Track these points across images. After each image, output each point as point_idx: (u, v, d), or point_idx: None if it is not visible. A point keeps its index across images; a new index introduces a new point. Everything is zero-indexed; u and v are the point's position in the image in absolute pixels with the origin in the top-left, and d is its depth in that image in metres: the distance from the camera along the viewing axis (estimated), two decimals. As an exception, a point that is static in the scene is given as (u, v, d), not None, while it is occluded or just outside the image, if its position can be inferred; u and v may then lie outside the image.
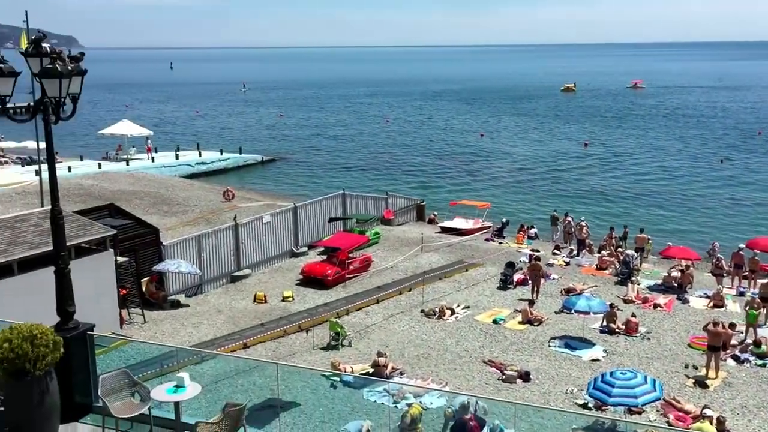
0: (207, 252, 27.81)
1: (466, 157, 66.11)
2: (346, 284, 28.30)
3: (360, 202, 37.75)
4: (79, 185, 42.61)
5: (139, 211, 33.43)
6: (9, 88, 9.22)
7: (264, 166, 61.14)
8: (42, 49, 9.13)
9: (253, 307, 25.76)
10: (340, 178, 55.60)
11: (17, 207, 34.92)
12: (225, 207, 40.49)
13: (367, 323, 24.14)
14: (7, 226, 19.56)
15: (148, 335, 22.65)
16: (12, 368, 8.82)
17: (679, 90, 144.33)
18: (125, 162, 53.29)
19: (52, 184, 9.77)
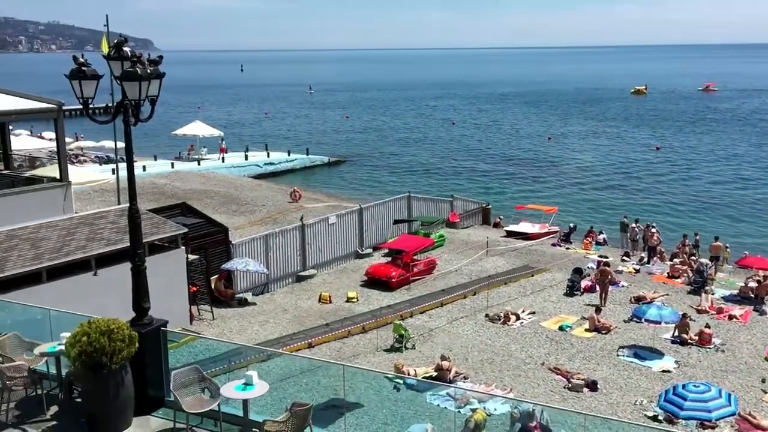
0: (274, 251, 28.26)
1: (532, 161, 65.23)
2: (410, 286, 28.29)
3: (425, 204, 37.70)
4: (152, 184, 43.92)
5: (208, 210, 34.20)
6: (92, 91, 9.56)
7: (330, 168, 61.72)
8: (123, 52, 9.41)
9: (318, 307, 26.02)
10: (406, 181, 55.63)
11: (95, 204, 36.25)
12: (292, 207, 41.05)
13: (431, 326, 24.06)
14: (86, 223, 20.31)
15: (217, 332, 23.14)
16: (90, 361, 9.15)
17: (754, 93, 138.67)
18: (197, 162, 54.68)
19: (131, 184, 10.08)
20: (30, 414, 10.02)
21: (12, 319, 12.68)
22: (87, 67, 9.51)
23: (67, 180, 20.68)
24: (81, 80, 9.43)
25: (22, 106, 20.73)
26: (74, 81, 9.47)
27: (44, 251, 18.10)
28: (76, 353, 9.15)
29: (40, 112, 21.32)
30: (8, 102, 20.88)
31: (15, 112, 21.08)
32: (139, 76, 9.19)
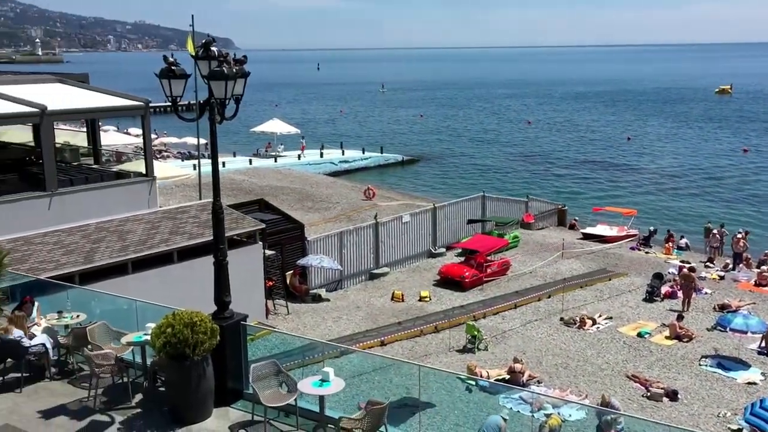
0: (348, 249, 28.51)
1: (610, 162, 63.58)
2: (483, 287, 28.05)
3: (500, 204, 37.29)
4: (231, 180, 44.98)
5: (284, 206, 34.76)
6: (181, 89, 9.84)
7: (404, 166, 61.80)
8: (211, 52, 9.65)
9: (390, 305, 26.10)
10: (480, 180, 55.16)
11: (177, 199, 37.40)
12: (365, 205, 41.31)
13: (504, 328, 23.78)
14: (169, 217, 20.98)
15: (291, 326, 23.52)
16: (174, 352, 9.44)
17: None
18: (273, 159, 55.71)
19: (215, 181, 10.32)
20: (116, 401, 10.41)
21: (101, 308, 13.22)
22: (176, 67, 9.79)
23: (153, 175, 21.39)
24: (170, 79, 9.72)
25: (111, 103, 21.58)
26: (164, 80, 9.76)
27: (130, 243, 18.80)
28: (161, 344, 9.46)
29: (128, 109, 22.15)
30: (99, 99, 21.77)
31: (105, 110, 21.95)
32: (226, 75, 9.39)
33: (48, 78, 23.76)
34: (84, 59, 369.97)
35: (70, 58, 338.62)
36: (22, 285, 13.85)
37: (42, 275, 15.63)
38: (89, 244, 18.39)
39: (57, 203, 19.12)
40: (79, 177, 20.62)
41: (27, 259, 16.94)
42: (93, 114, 22.71)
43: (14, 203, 18.54)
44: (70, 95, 21.97)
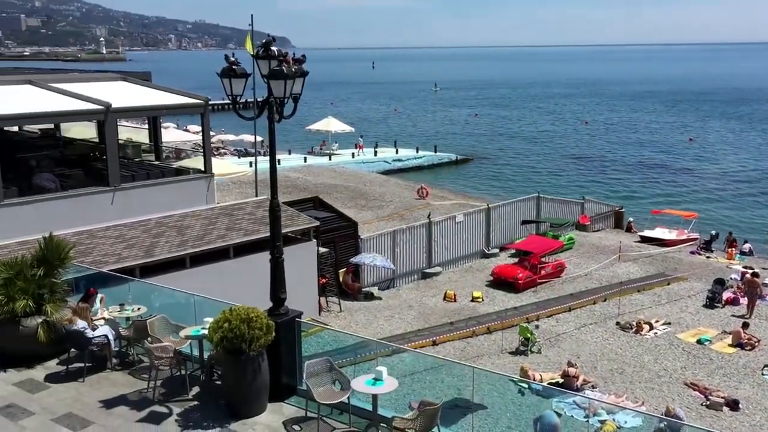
0: (401, 248, 28.54)
1: (670, 163, 62.06)
2: (537, 289, 27.72)
3: (555, 205, 36.79)
4: (286, 177, 45.49)
5: (338, 204, 34.99)
6: (241, 88, 9.98)
7: (458, 166, 61.52)
8: (271, 52, 9.76)
9: (442, 305, 26.02)
10: (534, 181, 54.53)
11: (233, 195, 38.05)
12: (418, 204, 41.27)
13: (558, 331, 23.45)
14: (226, 213, 21.34)
15: (343, 324, 23.67)
16: (230, 347, 9.60)
17: None
18: (328, 157, 56.15)
19: (273, 179, 10.44)
20: (174, 393, 10.64)
21: (161, 302, 13.53)
22: (237, 66, 9.93)
23: (211, 172, 21.80)
24: (231, 78, 9.87)
25: (172, 101, 22.08)
26: (225, 79, 9.92)
27: (188, 239, 19.18)
28: (218, 338, 9.62)
29: (188, 107, 22.62)
30: (160, 97, 22.29)
31: (166, 107, 22.46)
32: (285, 74, 9.49)
33: (112, 76, 24.45)
34: (146, 58, 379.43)
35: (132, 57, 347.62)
36: (85, 277, 14.27)
37: (104, 268, 16.09)
38: (149, 239, 18.84)
39: (119, 198, 19.66)
40: (140, 173, 21.15)
41: (90, 252, 17.46)
42: (155, 111, 23.28)
43: (79, 198, 19.15)
44: (133, 93, 22.56)
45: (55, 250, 12.14)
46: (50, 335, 11.47)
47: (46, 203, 18.46)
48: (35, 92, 20.85)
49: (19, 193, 18.51)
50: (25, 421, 9.95)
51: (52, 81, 21.89)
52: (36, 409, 10.28)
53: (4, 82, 21.82)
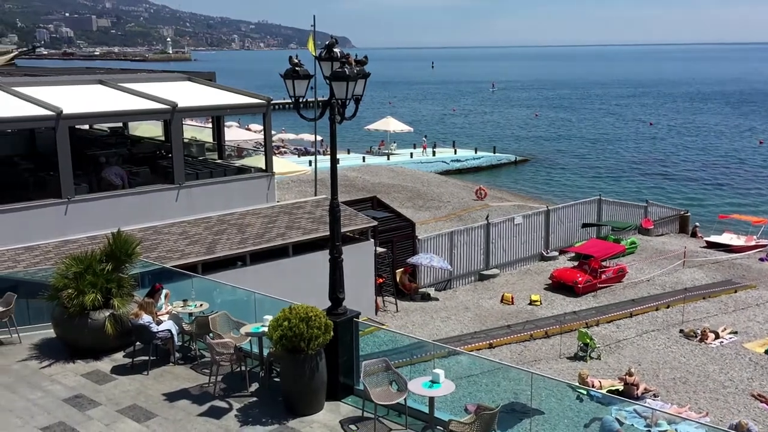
0: (458, 249, 28.41)
1: (739, 167, 60.03)
2: (597, 294, 27.22)
3: (616, 208, 36.03)
4: (344, 176, 45.78)
5: (395, 204, 35.05)
6: (304, 89, 10.10)
7: (517, 167, 60.87)
8: (334, 53, 9.84)
9: (500, 307, 25.80)
10: (595, 183, 53.53)
11: (292, 194, 38.51)
12: (476, 205, 41.00)
13: (618, 337, 22.97)
14: (286, 212, 21.63)
15: (400, 324, 23.70)
16: (289, 345, 9.73)
17: None
18: (386, 156, 56.30)
19: (333, 179, 10.54)
20: (234, 388, 10.85)
21: (222, 298, 13.81)
22: (300, 68, 10.05)
23: (272, 171, 22.11)
24: (294, 80, 9.99)
25: (236, 101, 22.48)
26: (288, 80, 10.05)
27: (249, 236, 19.51)
28: (278, 336, 9.76)
29: (251, 106, 22.99)
30: (224, 97, 22.74)
31: (230, 107, 22.89)
32: (347, 76, 9.55)
33: (178, 76, 25.05)
34: (210, 57, 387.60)
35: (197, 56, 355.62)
36: (150, 272, 14.67)
37: (168, 263, 16.49)
38: (211, 236, 19.24)
39: (184, 196, 20.14)
40: (204, 171, 21.61)
41: (155, 248, 17.94)
42: (218, 111, 23.75)
43: (146, 194, 19.69)
44: (198, 93, 23.07)
45: (123, 245, 12.52)
46: (117, 328, 11.84)
47: (114, 200, 19.04)
48: (105, 92, 21.54)
49: (89, 189, 19.15)
50: (91, 411, 10.29)
51: (121, 81, 22.57)
52: (102, 399, 10.63)
53: (77, 82, 22.60)
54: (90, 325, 11.80)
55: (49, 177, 19.31)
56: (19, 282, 14.58)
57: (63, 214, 17.95)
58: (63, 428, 9.80)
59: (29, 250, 16.90)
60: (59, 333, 12.37)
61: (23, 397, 10.74)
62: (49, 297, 12.13)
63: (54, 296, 12.02)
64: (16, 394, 10.82)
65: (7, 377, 11.43)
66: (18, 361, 12.03)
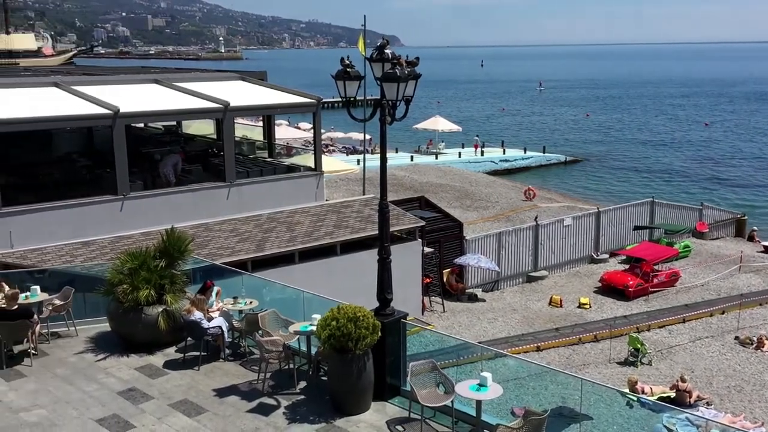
0: (506, 249, 28.18)
1: (800, 169, 58.08)
2: (648, 298, 26.67)
3: (670, 211, 35.23)
4: (392, 176, 45.79)
5: (443, 204, 34.95)
6: (355, 90, 10.15)
7: (567, 167, 60.02)
8: (385, 55, 9.85)
9: (548, 309, 25.50)
10: (648, 184, 52.46)
11: (341, 192, 38.75)
12: (525, 206, 40.59)
13: (671, 343, 22.48)
14: (334, 211, 21.78)
15: (446, 324, 23.63)
16: (337, 344, 9.79)
17: None
18: (434, 156, 56.16)
19: (383, 180, 10.55)
20: (282, 386, 10.97)
21: (271, 296, 13.98)
22: (351, 69, 10.10)
23: (321, 170, 22.29)
24: (345, 81, 10.04)
25: (286, 100, 22.72)
26: (339, 81, 10.11)
27: (298, 234, 19.71)
28: (326, 336, 9.83)
29: (301, 106, 23.20)
30: (275, 96, 23.00)
31: (280, 106, 23.16)
32: (398, 77, 9.56)
33: (231, 76, 25.43)
34: (261, 56, 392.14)
35: (248, 55, 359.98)
36: (201, 269, 14.94)
37: (218, 260, 16.78)
38: (261, 233, 19.50)
39: (234, 193, 20.45)
40: (254, 169, 21.92)
41: (207, 245, 18.26)
42: (270, 110, 24.06)
43: (198, 192, 20.06)
44: (250, 92, 23.39)
45: (176, 242, 12.79)
46: (170, 324, 12.10)
47: (167, 196, 19.45)
48: (161, 91, 22.01)
49: (144, 186, 19.61)
50: (144, 404, 10.53)
51: (176, 80, 23.03)
52: (155, 393, 10.87)
53: (134, 81, 23.16)
54: (144, 320, 12.08)
55: (105, 174, 19.84)
56: (76, 276, 15.02)
57: (118, 211, 18.42)
58: (117, 420, 10.06)
59: (86, 245, 17.38)
60: (114, 327, 12.71)
61: (79, 389, 11.05)
62: (105, 292, 12.47)
63: (110, 291, 12.35)
64: (73, 386, 11.14)
65: (64, 369, 11.79)
66: (75, 354, 12.40)
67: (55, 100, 19.50)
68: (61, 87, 20.56)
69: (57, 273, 15.24)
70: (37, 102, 19.05)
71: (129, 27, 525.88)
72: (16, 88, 20.75)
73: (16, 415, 10.24)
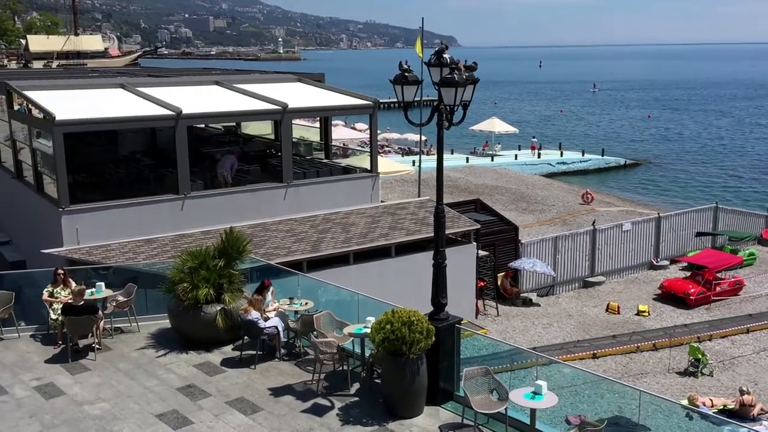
0: (562, 254, 27.78)
1: None
2: (710, 306, 25.92)
3: (734, 217, 34.14)
4: (448, 177, 45.57)
5: (498, 206, 34.68)
6: (412, 95, 10.18)
7: (626, 170, 58.80)
8: (443, 59, 9.85)
9: (605, 316, 25.04)
10: (711, 189, 50.98)
11: (395, 193, 38.86)
12: (582, 210, 39.95)
13: (733, 354, 21.80)
14: (389, 212, 21.84)
15: (500, 328, 23.45)
16: (391, 348, 9.84)
17: None
18: (490, 158, 55.76)
19: (439, 184, 10.56)
20: (336, 387, 11.08)
21: (326, 297, 14.12)
22: (409, 73, 10.13)
23: (377, 171, 22.38)
24: (403, 85, 10.08)
25: (343, 102, 22.90)
26: (397, 86, 10.15)
27: (353, 236, 19.83)
28: (380, 339, 9.89)
29: (359, 107, 23.35)
30: (332, 98, 23.21)
31: (337, 108, 23.36)
32: (456, 82, 9.55)
33: (289, 77, 25.77)
34: (319, 56, 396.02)
35: (306, 56, 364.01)
36: (258, 268, 15.18)
37: (275, 260, 17.01)
38: (317, 234, 19.69)
39: (291, 194, 20.71)
40: (311, 170, 22.15)
41: (263, 244, 18.54)
42: (327, 112, 24.28)
43: (256, 192, 20.40)
44: (307, 94, 23.65)
45: (235, 242, 13.05)
46: (227, 322, 12.36)
47: (226, 196, 19.83)
48: (221, 92, 22.46)
49: (204, 186, 20.04)
50: (202, 401, 10.78)
51: (236, 82, 23.47)
52: (212, 390, 11.11)
53: (196, 83, 23.70)
54: (202, 318, 12.37)
55: (167, 173, 20.35)
56: (139, 273, 15.46)
57: (179, 209, 18.86)
58: (176, 416, 10.32)
59: (148, 242, 17.87)
60: (174, 324, 13.04)
61: (141, 383, 11.38)
62: (167, 290, 12.81)
63: (171, 289, 12.68)
64: (135, 381, 11.49)
65: (126, 364, 12.16)
66: (136, 349, 12.78)
67: (121, 100, 20.12)
68: (126, 88, 21.19)
69: (120, 270, 15.70)
70: (104, 103, 19.68)
71: (191, 28, 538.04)
72: (84, 89, 21.49)
73: (80, 407, 10.61)
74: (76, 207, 17.54)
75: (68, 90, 21.00)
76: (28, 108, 20.37)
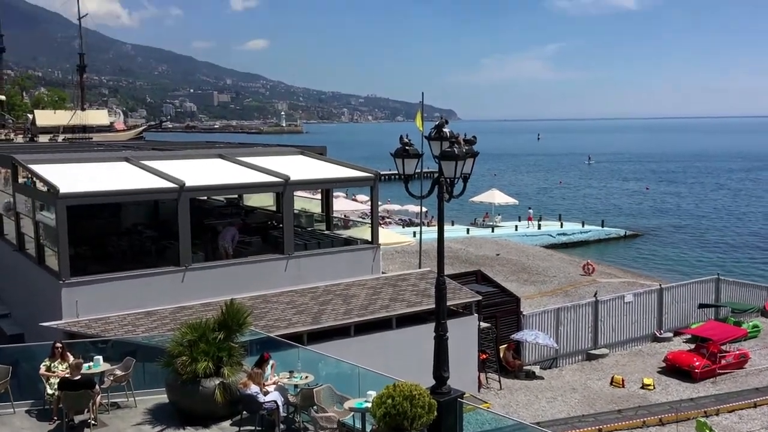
0: (565, 326, 27.55)
1: None
2: (716, 380, 25.52)
3: (737, 289, 33.99)
4: (448, 248, 45.56)
5: (500, 277, 34.58)
6: (413, 167, 10.34)
7: (626, 241, 58.93)
8: (443, 133, 10.06)
9: (609, 390, 24.64)
10: (712, 261, 50.94)
11: (396, 264, 38.79)
12: (584, 281, 39.82)
13: (741, 429, 21.35)
14: (390, 284, 21.77)
15: (503, 402, 23.03)
16: (393, 423, 9.67)
17: None
18: (491, 229, 55.96)
19: (440, 256, 10.61)
20: (336, 463, 10.82)
21: (326, 370, 13.93)
22: (410, 147, 10.32)
23: (378, 243, 22.44)
24: (404, 158, 10.25)
25: (345, 174, 23.18)
26: (398, 159, 10.33)
27: (354, 307, 19.72)
28: (381, 414, 9.74)
29: (359, 180, 23.59)
30: (334, 171, 23.50)
31: (339, 180, 23.62)
32: (456, 156, 9.72)
33: (292, 150, 26.15)
34: (321, 129, 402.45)
35: (309, 129, 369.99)
36: (258, 341, 15.03)
37: (275, 332, 16.87)
38: (317, 306, 19.59)
39: (292, 266, 20.70)
40: (312, 242, 22.21)
41: (264, 316, 18.42)
42: (329, 184, 24.53)
43: (257, 264, 20.40)
44: (309, 166, 23.96)
45: (235, 315, 12.96)
46: (226, 396, 12.15)
47: (227, 268, 19.81)
48: (224, 165, 22.76)
49: (205, 257, 20.05)
50: (199, 478, 10.50)
51: (239, 155, 23.80)
52: (210, 467, 10.84)
53: (200, 156, 24.05)
54: (201, 392, 12.17)
55: (169, 245, 20.39)
56: (138, 346, 15.29)
57: (180, 282, 18.82)
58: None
59: (148, 315, 17.76)
60: (172, 398, 12.82)
61: (136, 460, 11.11)
62: (165, 363, 12.65)
63: (169, 363, 12.53)
64: (128, 457, 11.22)
65: (122, 440, 11.90)
66: (132, 425, 12.53)
67: (125, 173, 20.36)
68: (130, 161, 21.48)
69: (119, 343, 15.55)
70: (108, 176, 19.91)
71: (196, 102, 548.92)
72: (89, 162, 21.78)
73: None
74: (76, 279, 17.51)
75: (73, 163, 21.28)
76: (33, 181, 20.62)
